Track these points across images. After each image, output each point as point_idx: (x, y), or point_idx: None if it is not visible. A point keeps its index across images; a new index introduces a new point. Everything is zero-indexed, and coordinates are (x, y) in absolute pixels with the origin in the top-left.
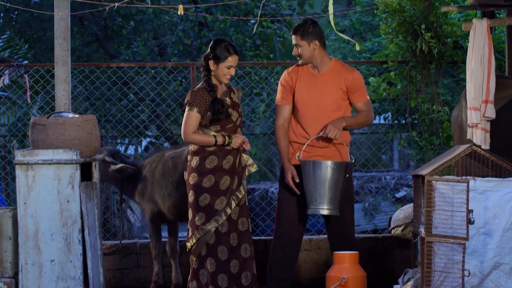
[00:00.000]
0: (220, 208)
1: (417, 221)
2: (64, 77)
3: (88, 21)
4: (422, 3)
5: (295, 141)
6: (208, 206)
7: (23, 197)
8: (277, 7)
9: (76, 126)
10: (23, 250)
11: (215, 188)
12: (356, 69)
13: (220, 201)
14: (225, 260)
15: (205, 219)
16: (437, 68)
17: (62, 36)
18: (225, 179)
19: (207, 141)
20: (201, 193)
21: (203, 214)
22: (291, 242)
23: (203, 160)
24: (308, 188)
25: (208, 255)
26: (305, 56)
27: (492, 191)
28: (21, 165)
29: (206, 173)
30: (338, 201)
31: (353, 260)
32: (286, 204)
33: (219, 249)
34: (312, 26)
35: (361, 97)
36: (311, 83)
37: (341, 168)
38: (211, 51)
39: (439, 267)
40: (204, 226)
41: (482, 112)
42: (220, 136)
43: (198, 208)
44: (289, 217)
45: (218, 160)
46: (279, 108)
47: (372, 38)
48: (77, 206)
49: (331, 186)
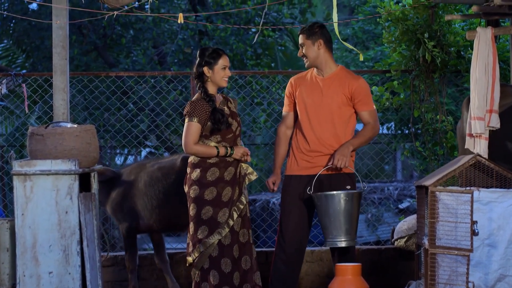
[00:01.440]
0: (223, 220)
1: (420, 232)
2: (62, 86)
3: (87, 29)
4: (426, 12)
5: (296, 150)
6: (211, 218)
7: (21, 208)
8: (279, 15)
9: (74, 136)
10: (21, 261)
11: (218, 200)
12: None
13: (223, 213)
14: (229, 272)
15: (208, 232)
16: (440, 77)
17: (61, 45)
18: (227, 190)
19: (209, 153)
20: (204, 205)
21: (206, 227)
22: (293, 254)
23: (204, 172)
24: (323, 222)
25: (211, 268)
26: (310, 56)
27: (497, 202)
28: (18, 176)
29: (207, 185)
30: (355, 231)
31: (355, 272)
32: (288, 215)
33: (222, 261)
34: (318, 27)
35: (366, 105)
36: (313, 86)
37: (353, 198)
38: (201, 59)
39: (443, 279)
40: (207, 240)
41: (486, 122)
42: (222, 147)
43: (200, 221)
44: (291, 229)
45: (219, 171)
46: (283, 115)
47: (375, 47)
48: (75, 217)
49: (346, 217)
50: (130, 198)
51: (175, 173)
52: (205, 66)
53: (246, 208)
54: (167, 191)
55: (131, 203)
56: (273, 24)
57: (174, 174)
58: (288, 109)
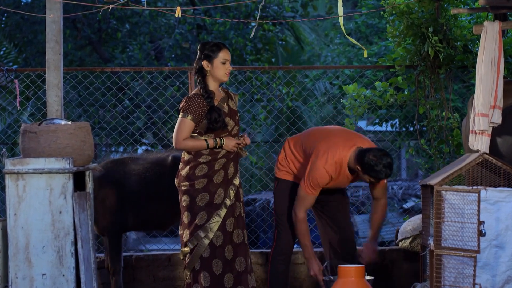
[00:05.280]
0: (219, 201)
1: (425, 233)
2: (56, 82)
3: (81, 23)
4: (431, 5)
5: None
6: (208, 203)
7: (13, 208)
8: (279, 9)
9: (68, 133)
10: (13, 263)
11: (210, 185)
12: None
13: (218, 194)
14: (220, 274)
15: (207, 217)
16: (446, 73)
17: (54, 39)
18: (219, 173)
19: (199, 146)
20: (198, 193)
21: (204, 213)
22: (291, 255)
23: (193, 169)
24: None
25: (202, 269)
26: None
27: (505, 202)
28: (11, 175)
29: (198, 178)
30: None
31: (358, 274)
32: (284, 216)
33: (213, 262)
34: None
35: (382, 188)
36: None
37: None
38: (201, 53)
39: (449, 281)
40: (207, 225)
41: (489, 118)
42: (211, 139)
43: (196, 208)
44: (289, 230)
45: (208, 167)
46: (308, 198)
47: (378, 42)
48: (69, 217)
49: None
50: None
51: (164, 170)
52: (204, 59)
53: (240, 208)
54: (154, 188)
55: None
56: (273, 18)
57: (163, 171)
58: (316, 193)
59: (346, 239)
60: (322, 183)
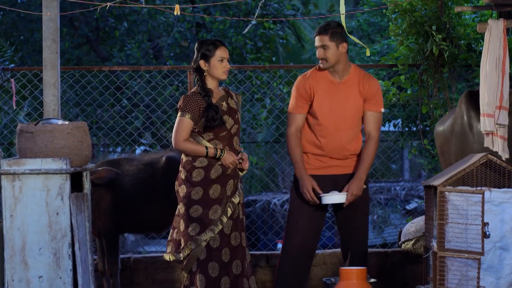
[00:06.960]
0: (215, 217)
1: (429, 234)
2: (53, 81)
3: (78, 22)
4: (435, 3)
5: (307, 151)
6: (201, 217)
7: (9, 209)
8: (280, 7)
9: (65, 133)
10: (9, 265)
11: (206, 199)
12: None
13: (214, 210)
14: (216, 277)
15: (199, 229)
16: (450, 72)
17: (51, 37)
18: (215, 188)
19: (198, 151)
20: (191, 205)
21: (197, 224)
22: (301, 257)
23: (190, 173)
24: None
25: (198, 272)
26: (331, 59)
27: (509, 203)
28: (7, 175)
29: (194, 185)
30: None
31: (361, 276)
32: (298, 215)
33: (209, 265)
34: (341, 27)
35: (376, 106)
36: (331, 91)
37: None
38: (197, 52)
39: (452, 284)
40: (198, 237)
41: (495, 119)
42: (212, 149)
43: (190, 219)
44: (300, 230)
45: (204, 172)
46: (293, 116)
47: (381, 40)
48: (66, 219)
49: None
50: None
51: (157, 171)
52: (201, 59)
53: (239, 210)
54: (147, 189)
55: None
56: (274, 16)
57: (156, 172)
58: (301, 110)
59: (357, 242)
60: (299, 86)
